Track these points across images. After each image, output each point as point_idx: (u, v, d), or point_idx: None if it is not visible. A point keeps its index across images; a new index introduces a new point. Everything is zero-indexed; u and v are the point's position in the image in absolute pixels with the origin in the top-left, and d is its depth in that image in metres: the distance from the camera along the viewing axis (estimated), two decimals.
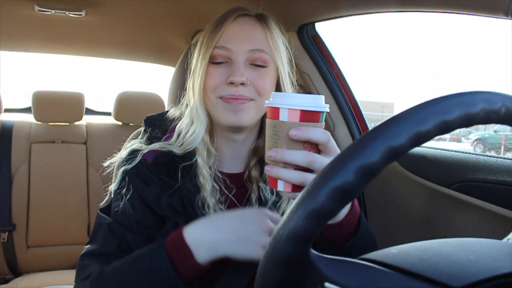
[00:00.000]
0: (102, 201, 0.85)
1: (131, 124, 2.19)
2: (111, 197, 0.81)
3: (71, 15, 1.54)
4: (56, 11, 1.50)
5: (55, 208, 1.94)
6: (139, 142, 0.81)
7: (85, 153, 2.07)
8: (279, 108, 0.58)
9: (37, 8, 1.47)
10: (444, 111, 0.37)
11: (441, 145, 1.23)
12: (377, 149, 0.35)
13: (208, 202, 0.77)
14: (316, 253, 0.39)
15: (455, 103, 0.37)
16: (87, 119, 2.21)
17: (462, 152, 1.10)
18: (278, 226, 0.37)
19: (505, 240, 0.52)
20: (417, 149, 1.20)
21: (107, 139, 2.10)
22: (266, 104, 0.61)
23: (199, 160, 0.78)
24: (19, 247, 1.90)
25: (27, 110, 2.36)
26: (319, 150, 0.60)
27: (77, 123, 2.13)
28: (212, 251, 0.65)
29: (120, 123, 2.20)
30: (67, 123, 2.10)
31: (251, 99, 0.76)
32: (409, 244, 0.43)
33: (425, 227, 1.17)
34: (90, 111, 2.55)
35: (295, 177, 0.57)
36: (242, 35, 0.77)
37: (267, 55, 0.77)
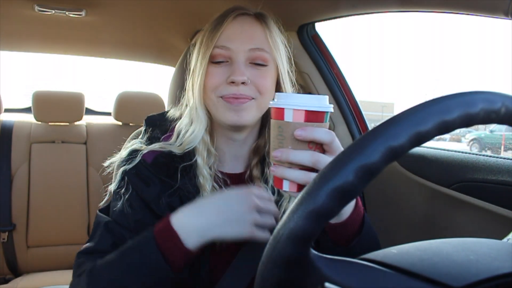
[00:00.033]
0: (102, 201, 0.85)
1: (131, 124, 2.19)
2: (110, 197, 0.81)
3: (71, 15, 1.54)
4: (56, 11, 1.50)
5: (55, 208, 1.94)
6: (139, 142, 0.81)
7: (85, 153, 2.07)
8: (284, 109, 0.58)
9: (37, 8, 1.47)
10: (444, 111, 0.37)
11: (441, 145, 1.23)
12: (377, 149, 0.35)
13: None
14: (316, 253, 0.39)
15: (455, 103, 0.37)
16: (87, 119, 2.21)
17: (462, 152, 1.10)
18: (278, 226, 0.37)
19: (505, 240, 0.52)
20: (417, 149, 1.20)
21: (107, 139, 2.10)
22: (270, 105, 0.61)
23: (199, 160, 0.78)
24: (19, 247, 1.90)
25: (27, 110, 2.36)
26: (323, 150, 0.60)
27: (77, 123, 2.13)
28: (201, 236, 0.65)
29: (120, 123, 2.20)
30: (67, 123, 2.10)
31: (252, 98, 0.76)
32: (409, 244, 0.43)
33: (425, 227, 1.17)
34: (90, 111, 2.55)
35: (300, 177, 0.57)
36: (242, 34, 0.77)
37: (267, 53, 0.77)
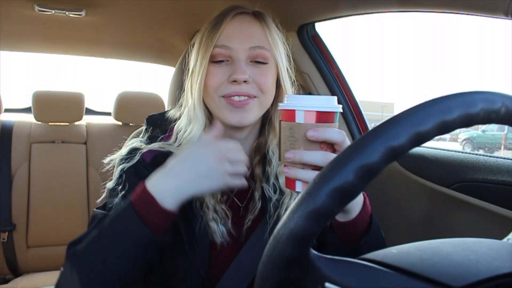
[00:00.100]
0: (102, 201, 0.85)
1: (131, 124, 2.19)
2: (107, 195, 0.80)
3: (71, 15, 1.54)
4: (56, 11, 1.50)
5: (55, 208, 1.94)
6: (139, 141, 0.82)
7: (85, 153, 2.07)
8: (295, 110, 0.58)
9: (37, 8, 1.47)
10: (444, 111, 0.37)
11: (441, 145, 1.23)
12: (377, 149, 0.35)
13: (206, 202, 0.77)
14: (316, 253, 0.39)
15: (455, 103, 0.37)
16: (87, 119, 2.21)
17: (462, 152, 1.10)
18: (278, 226, 0.37)
19: (505, 240, 0.52)
20: (417, 149, 1.20)
21: (107, 139, 2.10)
22: (280, 107, 0.61)
23: None
24: (19, 247, 1.90)
25: (27, 110, 2.36)
26: (334, 149, 0.61)
27: (77, 123, 2.13)
28: (177, 197, 0.65)
29: (120, 123, 2.20)
30: (67, 123, 2.10)
31: (254, 96, 0.76)
32: (409, 244, 0.43)
33: (425, 227, 1.17)
34: (90, 111, 2.56)
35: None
36: (242, 33, 0.77)
37: (267, 51, 0.77)
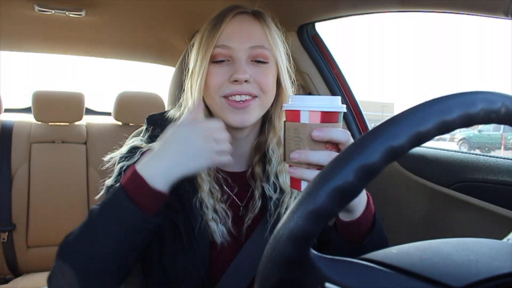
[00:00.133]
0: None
1: (131, 124, 2.19)
2: (105, 192, 0.80)
3: (71, 15, 1.54)
4: (56, 11, 1.50)
5: (55, 208, 1.94)
6: (139, 140, 0.82)
7: (85, 153, 2.07)
8: (300, 111, 0.59)
9: (37, 8, 1.47)
10: (444, 111, 0.37)
11: (441, 145, 1.23)
12: (377, 149, 0.35)
13: (206, 202, 0.77)
14: (316, 253, 0.39)
15: (455, 103, 0.37)
16: (87, 119, 2.21)
17: (462, 152, 1.10)
18: (278, 226, 0.37)
19: (505, 240, 0.52)
20: (417, 149, 1.20)
21: (107, 139, 2.10)
22: (285, 108, 0.62)
23: None
24: (19, 247, 1.90)
25: (27, 110, 2.36)
26: (339, 149, 0.61)
27: (77, 123, 2.13)
28: (168, 178, 0.65)
29: (120, 123, 2.20)
30: (67, 123, 2.10)
31: (256, 96, 0.76)
32: (409, 244, 0.43)
33: (425, 227, 1.17)
34: (90, 111, 2.56)
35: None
36: (242, 33, 0.77)
37: (267, 51, 0.77)
